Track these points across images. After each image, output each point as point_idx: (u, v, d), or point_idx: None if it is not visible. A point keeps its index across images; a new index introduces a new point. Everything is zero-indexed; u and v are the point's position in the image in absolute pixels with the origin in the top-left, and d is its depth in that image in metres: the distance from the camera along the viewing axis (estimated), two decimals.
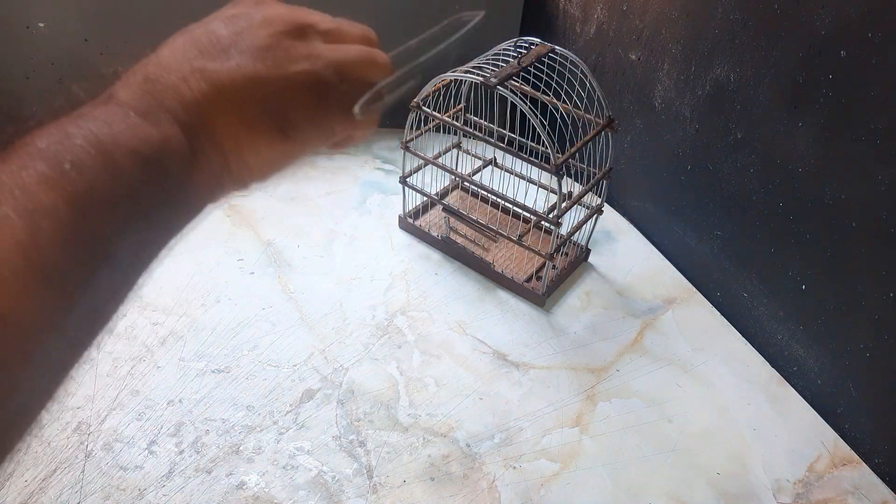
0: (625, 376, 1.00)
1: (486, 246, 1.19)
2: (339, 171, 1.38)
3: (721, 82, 1.04)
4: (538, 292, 1.10)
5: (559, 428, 0.92)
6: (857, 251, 0.88)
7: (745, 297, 1.08)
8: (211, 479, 0.82)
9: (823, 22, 0.86)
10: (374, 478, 0.84)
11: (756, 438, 0.94)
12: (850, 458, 0.93)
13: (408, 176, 1.18)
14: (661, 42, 1.14)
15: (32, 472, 0.81)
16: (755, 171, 1.01)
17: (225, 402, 0.91)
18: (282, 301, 1.07)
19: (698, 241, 1.16)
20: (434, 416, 0.92)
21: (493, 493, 0.84)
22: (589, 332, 1.07)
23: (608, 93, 1.26)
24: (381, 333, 1.03)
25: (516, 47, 1.07)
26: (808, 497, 0.87)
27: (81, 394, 0.91)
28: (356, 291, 1.10)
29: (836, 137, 0.88)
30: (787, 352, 1.02)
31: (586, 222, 1.14)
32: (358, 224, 1.25)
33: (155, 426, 0.88)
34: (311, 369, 0.97)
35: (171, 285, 1.08)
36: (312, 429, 0.89)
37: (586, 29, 1.32)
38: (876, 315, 0.87)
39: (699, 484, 0.87)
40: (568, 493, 0.84)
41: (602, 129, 1.06)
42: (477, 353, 1.02)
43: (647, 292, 1.16)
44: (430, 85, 1.06)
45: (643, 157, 1.26)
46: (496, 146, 1.07)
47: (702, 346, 1.07)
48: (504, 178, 1.23)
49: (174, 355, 0.97)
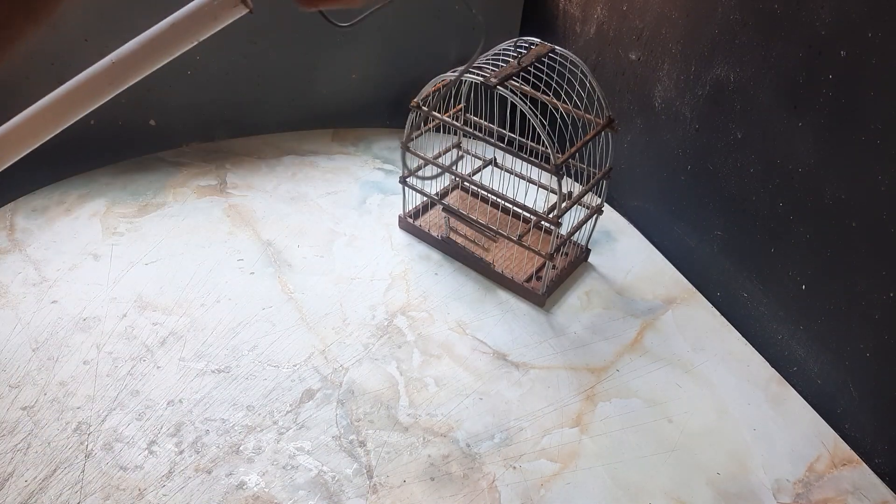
0: (625, 376, 1.00)
1: (486, 246, 1.19)
2: (339, 171, 1.38)
3: (721, 82, 1.04)
4: (538, 292, 1.10)
5: (559, 428, 0.92)
6: (857, 251, 0.88)
7: (745, 297, 1.08)
8: (211, 479, 0.82)
9: (823, 22, 0.86)
10: (374, 478, 0.84)
11: (756, 438, 0.94)
12: (850, 458, 0.92)
13: (408, 176, 1.18)
14: (661, 42, 1.14)
15: (32, 472, 0.81)
16: (755, 171, 1.01)
17: (225, 402, 0.91)
18: (282, 301, 1.07)
19: (698, 241, 1.16)
20: (434, 416, 0.92)
21: (493, 493, 0.84)
22: (589, 332, 1.07)
23: (608, 93, 1.26)
24: (381, 333, 1.03)
25: (516, 47, 1.07)
26: (808, 497, 0.87)
27: (81, 394, 0.91)
28: (356, 291, 1.10)
29: (836, 137, 0.88)
30: (787, 352, 1.02)
31: (586, 222, 1.14)
32: (358, 224, 1.25)
33: (155, 426, 0.88)
34: (311, 369, 0.97)
35: (171, 285, 1.08)
36: (312, 429, 0.89)
37: (586, 29, 1.31)
38: (876, 315, 0.87)
39: (699, 484, 0.87)
40: (568, 493, 0.84)
41: (602, 129, 1.06)
42: (477, 353, 1.02)
43: (647, 292, 1.16)
44: (430, 85, 1.06)
45: (643, 157, 1.26)
46: (496, 146, 1.07)
47: (702, 346, 1.07)
48: (504, 178, 1.23)
49: (174, 355, 0.97)
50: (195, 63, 1.31)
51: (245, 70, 1.36)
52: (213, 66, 1.32)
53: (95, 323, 1.01)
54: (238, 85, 1.37)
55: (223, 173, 1.33)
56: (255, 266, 1.13)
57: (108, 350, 0.97)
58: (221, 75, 1.34)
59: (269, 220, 1.23)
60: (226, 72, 1.34)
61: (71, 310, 1.02)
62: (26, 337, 0.98)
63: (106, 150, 1.33)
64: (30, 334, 0.98)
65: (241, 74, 1.36)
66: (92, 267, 1.10)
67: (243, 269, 1.12)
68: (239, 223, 1.21)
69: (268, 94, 1.41)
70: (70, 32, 1.19)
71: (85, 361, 0.95)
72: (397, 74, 1.46)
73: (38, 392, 0.90)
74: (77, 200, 1.24)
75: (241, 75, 1.36)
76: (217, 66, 1.33)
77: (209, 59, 1.31)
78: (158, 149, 1.38)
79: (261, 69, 1.37)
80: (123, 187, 1.28)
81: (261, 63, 1.36)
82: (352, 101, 1.48)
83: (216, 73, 1.34)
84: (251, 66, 1.36)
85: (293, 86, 1.42)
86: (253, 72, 1.37)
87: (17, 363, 0.94)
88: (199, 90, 1.34)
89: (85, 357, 0.96)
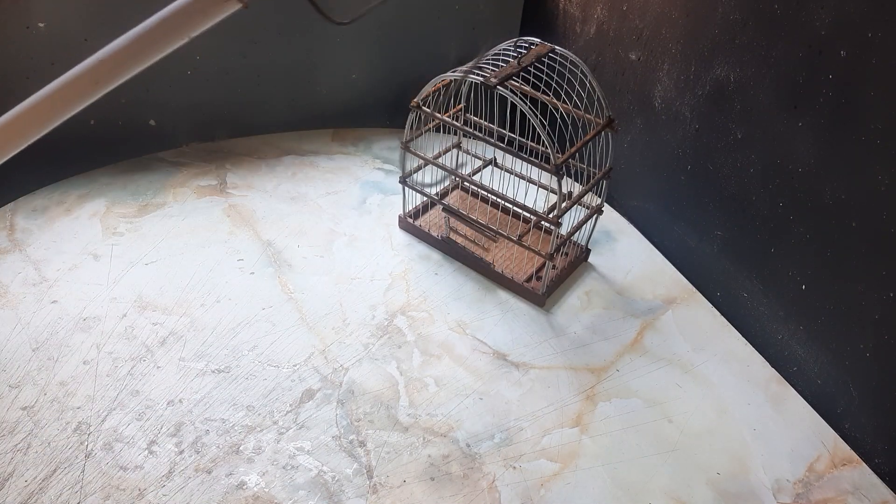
0: (625, 376, 1.00)
1: (486, 246, 1.19)
2: (339, 171, 1.38)
3: (721, 82, 1.04)
4: (538, 292, 1.10)
5: (559, 428, 0.92)
6: (857, 251, 0.88)
7: (745, 297, 1.08)
8: (211, 479, 0.82)
9: (823, 22, 0.86)
10: (374, 478, 0.84)
11: (756, 438, 0.94)
12: (850, 458, 0.92)
13: (408, 176, 1.18)
14: (661, 42, 1.14)
15: (32, 472, 0.81)
16: (755, 171, 1.01)
17: (225, 402, 0.91)
18: (282, 301, 1.07)
19: (698, 241, 1.16)
20: (434, 416, 0.92)
21: (493, 493, 0.84)
22: (589, 332, 1.07)
23: (608, 93, 1.26)
24: (381, 333, 1.03)
25: (516, 47, 1.07)
26: (808, 497, 0.87)
27: (81, 394, 0.91)
28: (356, 291, 1.10)
29: (836, 137, 0.88)
30: (787, 352, 1.02)
31: (586, 222, 1.14)
32: (358, 224, 1.25)
33: (155, 426, 0.88)
34: (311, 369, 0.97)
35: (171, 285, 1.08)
36: (312, 429, 0.89)
37: (586, 29, 1.31)
38: (876, 315, 0.87)
39: (699, 484, 0.87)
40: (568, 493, 0.84)
41: (602, 129, 1.06)
42: (477, 353, 1.02)
43: (647, 292, 1.16)
44: (430, 85, 1.06)
45: (643, 157, 1.26)
46: (496, 146, 1.07)
47: (702, 346, 1.07)
48: (504, 178, 1.23)
49: (174, 355, 0.97)
50: (195, 63, 1.31)
51: (245, 70, 1.36)
52: (212, 65, 1.32)
53: (95, 323, 1.01)
54: (238, 85, 1.37)
55: (223, 173, 1.33)
56: (255, 266, 1.13)
57: (108, 350, 0.97)
58: (221, 75, 1.34)
59: (269, 220, 1.23)
60: (225, 72, 1.34)
61: (71, 310, 1.02)
62: (26, 337, 0.98)
63: (106, 150, 1.33)
64: (30, 334, 0.98)
65: (241, 74, 1.36)
66: (92, 267, 1.10)
67: (243, 269, 1.12)
68: (239, 223, 1.21)
69: (268, 94, 1.41)
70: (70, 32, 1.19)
71: (85, 361, 0.95)
72: (397, 74, 1.45)
73: (38, 392, 0.90)
74: (77, 200, 1.24)
75: (241, 75, 1.36)
76: (217, 66, 1.33)
77: (209, 58, 1.31)
78: (158, 149, 1.38)
79: (261, 69, 1.37)
80: (123, 187, 1.28)
81: (261, 63, 1.36)
82: (352, 101, 1.48)
83: (216, 73, 1.34)
84: (251, 66, 1.36)
85: (293, 86, 1.42)
86: (253, 72, 1.37)
87: (17, 363, 0.94)
88: (198, 90, 1.34)
89: (85, 357, 0.96)
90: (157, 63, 0.57)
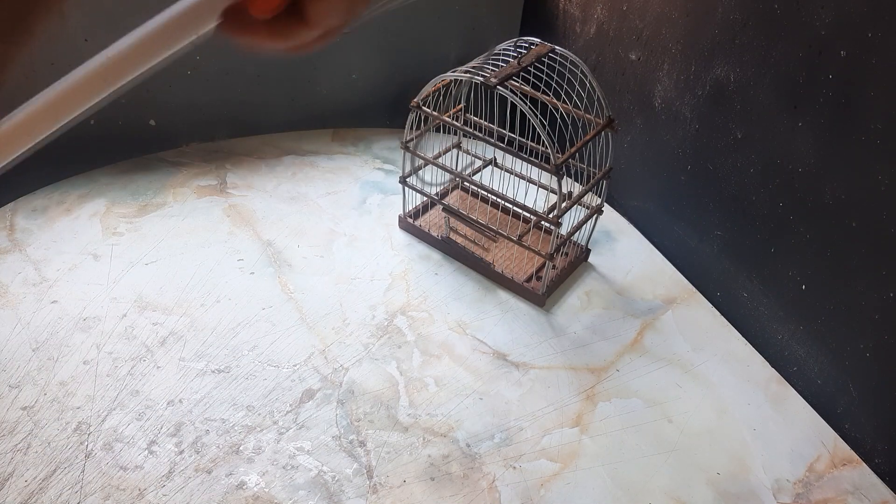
0: (625, 376, 1.00)
1: (486, 246, 1.19)
2: (339, 171, 1.38)
3: (721, 82, 1.04)
4: (538, 292, 1.10)
5: (559, 428, 0.92)
6: (857, 251, 0.88)
7: (745, 297, 1.08)
8: (211, 479, 0.82)
9: (823, 22, 0.86)
10: (374, 478, 0.84)
11: (756, 438, 0.94)
12: (850, 458, 0.93)
13: (408, 176, 1.18)
14: (661, 42, 1.14)
15: (32, 472, 0.81)
16: (755, 171, 1.01)
17: (225, 402, 0.91)
18: (282, 301, 1.07)
19: (698, 241, 1.16)
20: (434, 416, 0.92)
21: (493, 493, 0.84)
22: (589, 332, 1.07)
23: (608, 93, 1.26)
24: (381, 333, 1.03)
25: (516, 47, 1.07)
26: (808, 497, 0.87)
27: (81, 394, 0.91)
28: (356, 291, 1.10)
29: (836, 137, 0.88)
30: (787, 352, 1.02)
31: (586, 222, 1.14)
32: (358, 224, 1.25)
33: (155, 426, 0.88)
34: (311, 369, 0.97)
35: (171, 285, 1.08)
36: (312, 429, 0.89)
37: (586, 29, 1.31)
38: (876, 315, 0.87)
39: (699, 484, 0.87)
40: (568, 493, 0.84)
41: (602, 129, 1.06)
42: (477, 353, 1.02)
43: (647, 292, 1.16)
44: (430, 85, 1.06)
45: (643, 157, 1.26)
46: (496, 146, 1.07)
47: (702, 346, 1.07)
48: (504, 178, 1.23)
49: (174, 355, 0.97)
50: (195, 63, 1.31)
51: (245, 70, 1.36)
52: (212, 65, 1.32)
53: (95, 323, 1.01)
54: (238, 85, 1.37)
55: (223, 173, 1.33)
56: (255, 266, 1.13)
57: (108, 350, 0.97)
58: (221, 75, 1.34)
59: (269, 220, 1.23)
60: (226, 72, 1.34)
61: (71, 310, 1.02)
62: (26, 337, 0.98)
63: (106, 150, 1.33)
64: (30, 334, 0.98)
65: (241, 74, 1.36)
66: (92, 267, 1.10)
67: (243, 269, 1.12)
68: (239, 223, 1.21)
69: (268, 94, 1.41)
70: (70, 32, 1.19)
71: (85, 361, 0.95)
72: (397, 74, 1.45)
73: (38, 392, 0.90)
74: (77, 200, 1.24)
75: (241, 75, 1.36)
76: (217, 66, 1.33)
77: (209, 58, 1.31)
78: (158, 149, 1.38)
79: (261, 69, 1.37)
80: (123, 187, 1.28)
81: (261, 63, 1.36)
82: (352, 101, 1.48)
83: (216, 73, 1.34)
84: (251, 66, 1.36)
85: (293, 86, 1.42)
86: (253, 72, 1.37)
87: (17, 363, 0.94)
88: (198, 90, 1.34)
89: (85, 357, 0.96)
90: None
